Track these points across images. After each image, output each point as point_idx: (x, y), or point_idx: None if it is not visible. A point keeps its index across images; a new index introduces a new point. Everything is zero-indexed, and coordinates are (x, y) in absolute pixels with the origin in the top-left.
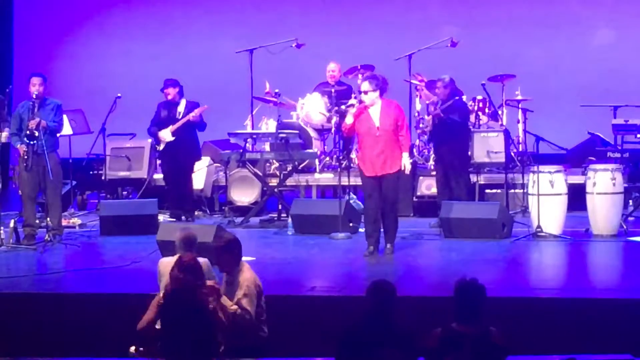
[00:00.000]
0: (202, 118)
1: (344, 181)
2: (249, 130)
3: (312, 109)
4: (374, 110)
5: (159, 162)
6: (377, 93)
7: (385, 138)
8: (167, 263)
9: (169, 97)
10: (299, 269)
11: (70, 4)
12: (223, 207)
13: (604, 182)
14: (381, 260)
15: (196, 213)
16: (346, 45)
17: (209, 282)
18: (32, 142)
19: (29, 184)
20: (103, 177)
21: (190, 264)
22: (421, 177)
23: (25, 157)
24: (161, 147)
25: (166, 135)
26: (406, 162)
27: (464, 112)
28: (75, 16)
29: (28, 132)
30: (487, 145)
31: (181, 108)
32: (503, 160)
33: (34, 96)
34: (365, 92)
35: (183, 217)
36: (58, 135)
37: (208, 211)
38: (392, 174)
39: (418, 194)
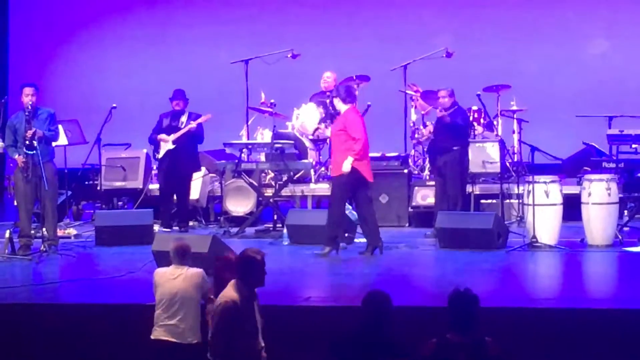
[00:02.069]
0: (202, 130)
1: None
2: (244, 140)
3: (307, 119)
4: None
5: (154, 172)
6: (337, 100)
7: (334, 142)
8: (162, 273)
9: (177, 108)
10: (294, 279)
11: (66, 15)
12: (218, 217)
13: (599, 192)
14: (376, 270)
15: (191, 223)
16: (342, 55)
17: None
18: (31, 152)
19: (26, 195)
20: (98, 188)
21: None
22: (416, 188)
23: (25, 167)
24: (160, 154)
25: (168, 139)
26: (344, 165)
27: (466, 117)
28: (71, 27)
29: (27, 142)
30: (483, 156)
31: (184, 118)
32: (498, 170)
33: (29, 107)
34: None
35: (176, 228)
36: (54, 144)
37: (203, 221)
38: (333, 177)
39: (413, 204)
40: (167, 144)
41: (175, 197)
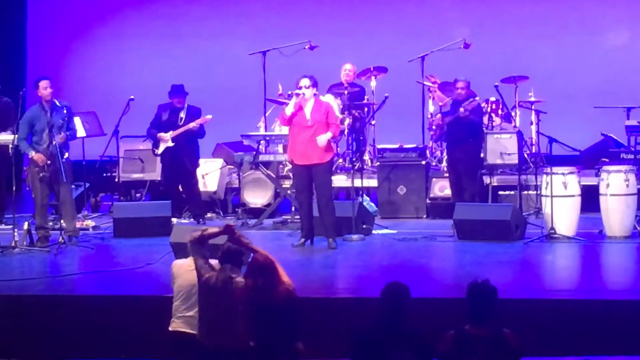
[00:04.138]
0: (202, 126)
1: (357, 183)
2: (262, 132)
3: None
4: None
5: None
6: (314, 88)
7: (314, 130)
8: (180, 265)
9: (178, 105)
10: (312, 271)
11: (83, 7)
12: (236, 209)
13: (617, 184)
14: (394, 261)
15: (209, 215)
16: (359, 47)
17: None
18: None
19: (42, 191)
20: (116, 179)
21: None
22: (434, 179)
23: (43, 166)
24: (159, 150)
25: (167, 138)
26: (325, 138)
27: (480, 113)
28: (88, 19)
29: (54, 143)
30: (501, 147)
31: (183, 114)
32: (516, 161)
33: (50, 99)
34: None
35: (192, 220)
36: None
37: (221, 213)
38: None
39: (431, 195)
40: (166, 142)
41: (180, 188)
